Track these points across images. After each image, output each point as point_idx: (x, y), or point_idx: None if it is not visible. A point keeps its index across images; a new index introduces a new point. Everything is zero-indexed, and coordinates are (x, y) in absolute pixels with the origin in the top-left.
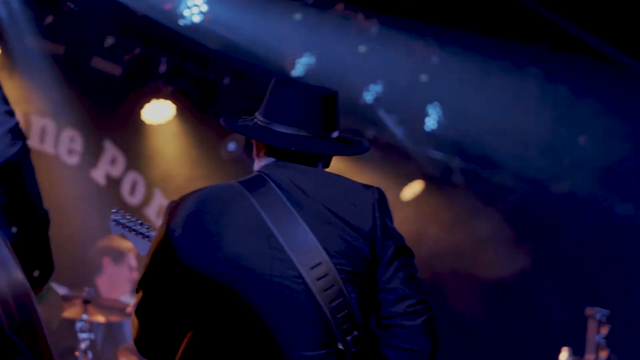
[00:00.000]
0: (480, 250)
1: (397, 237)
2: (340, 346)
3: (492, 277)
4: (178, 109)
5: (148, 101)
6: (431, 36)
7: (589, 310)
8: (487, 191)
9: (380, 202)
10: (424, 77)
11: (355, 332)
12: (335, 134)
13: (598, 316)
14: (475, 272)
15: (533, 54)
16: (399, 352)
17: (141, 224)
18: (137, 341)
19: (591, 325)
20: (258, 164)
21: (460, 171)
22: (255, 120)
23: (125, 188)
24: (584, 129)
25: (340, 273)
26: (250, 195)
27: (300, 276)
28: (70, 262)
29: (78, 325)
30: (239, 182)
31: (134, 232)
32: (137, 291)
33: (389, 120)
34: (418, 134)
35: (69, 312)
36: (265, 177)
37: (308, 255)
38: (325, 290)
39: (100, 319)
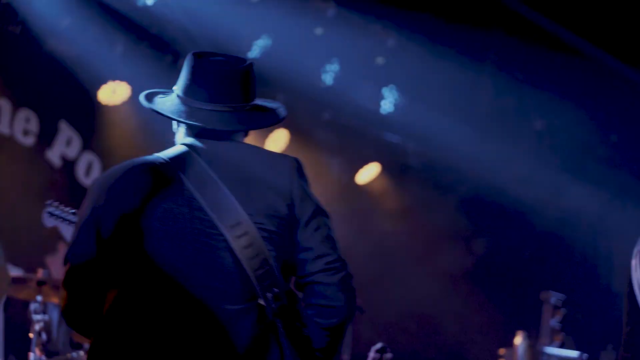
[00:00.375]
0: (434, 238)
1: (314, 200)
2: (261, 302)
3: (447, 264)
4: (134, 90)
5: (104, 82)
6: (388, 19)
7: (543, 295)
8: (442, 177)
9: (298, 169)
10: (380, 60)
11: (275, 289)
12: (251, 104)
13: (553, 300)
14: (429, 258)
15: (489, 39)
16: (318, 309)
17: (74, 214)
18: (64, 312)
19: (546, 310)
20: (179, 137)
21: (416, 155)
22: (174, 95)
23: (80, 169)
24: (540, 115)
25: (260, 232)
26: (174, 165)
27: (221, 234)
28: (25, 244)
29: (32, 306)
30: (163, 154)
31: (67, 222)
32: (64, 263)
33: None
34: (374, 117)
35: (23, 294)
36: (188, 148)
37: (228, 215)
38: (246, 247)
39: (55, 300)
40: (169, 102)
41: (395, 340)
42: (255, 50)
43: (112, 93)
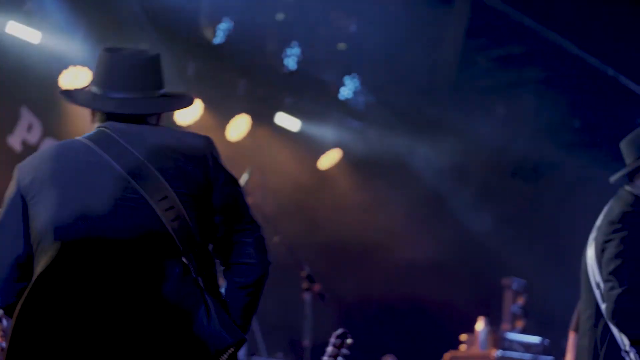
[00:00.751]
0: (397, 224)
1: (228, 171)
2: (184, 259)
3: (409, 251)
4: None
5: (65, 68)
6: (350, 5)
7: (505, 281)
8: (405, 164)
9: (211, 144)
10: (341, 46)
11: (196, 249)
12: (160, 92)
13: (514, 286)
14: (391, 244)
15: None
16: (236, 268)
17: None
18: None
19: (507, 296)
20: (95, 125)
21: (378, 140)
22: (89, 89)
23: None
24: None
25: (178, 196)
26: (93, 144)
27: (142, 198)
28: None
29: None
30: (83, 136)
31: None
32: None
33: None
34: (335, 103)
35: None
36: (105, 129)
37: (149, 182)
38: (167, 210)
39: None
40: (83, 94)
41: (356, 326)
42: (220, 35)
43: (74, 78)
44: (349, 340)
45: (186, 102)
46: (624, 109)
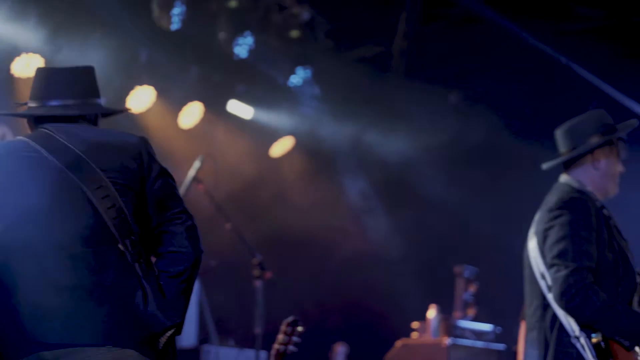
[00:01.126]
0: (349, 211)
1: (160, 164)
2: (120, 247)
3: (360, 238)
4: (46, 62)
5: (17, 55)
6: None
7: (457, 269)
8: (356, 152)
9: (146, 142)
10: (294, 34)
11: (132, 237)
12: (96, 100)
13: (466, 274)
14: (343, 231)
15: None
16: (166, 257)
17: None
18: None
19: (459, 283)
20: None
21: (330, 128)
22: (27, 104)
23: None
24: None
25: (114, 185)
26: (32, 141)
27: (79, 188)
28: None
29: None
30: (24, 136)
31: None
32: None
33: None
34: (288, 91)
35: None
36: (44, 129)
37: (85, 172)
38: (103, 198)
39: None
40: (22, 107)
41: (308, 314)
42: (176, 22)
43: (25, 66)
44: (300, 328)
45: (120, 110)
46: (576, 97)
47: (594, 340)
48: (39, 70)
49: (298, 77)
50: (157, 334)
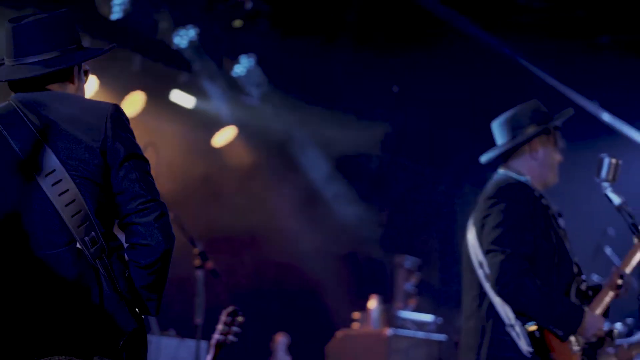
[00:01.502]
0: (287, 202)
1: (130, 145)
2: (78, 245)
3: (300, 229)
4: None
5: None
6: None
7: (398, 259)
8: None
9: (114, 116)
10: (237, 23)
11: (93, 233)
12: (69, 48)
13: (407, 264)
14: (282, 222)
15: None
16: (136, 249)
17: None
18: None
19: (400, 274)
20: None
21: (273, 117)
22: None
23: None
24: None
25: (74, 179)
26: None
27: (36, 183)
28: None
29: None
30: None
31: None
32: None
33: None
34: (230, 81)
35: None
36: (11, 102)
37: (43, 164)
38: (61, 194)
39: None
40: None
41: (249, 304)
42: (116, 10)
43: None
44: (240, 318)
45: (92, 52)
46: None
47: (529, 328)
48: (8, 23)
49: (242, 67)
50: (115, 342)
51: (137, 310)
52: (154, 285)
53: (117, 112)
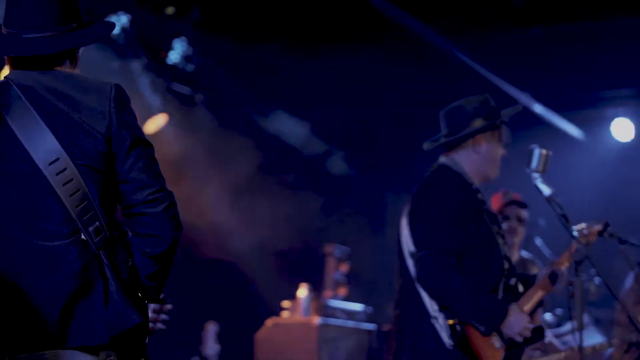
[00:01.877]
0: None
1: (134, 130)
2: (83, 236)
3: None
4: None
5: None
6: None
7: (327, 248)
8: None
9: (117, 99)
10: (169, 10)
11: (97, 223)
12: (69, 27)
13: (337, 253)
14: (214, 216)
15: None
16: (144, 239)
17: None
18: None
19: (330, 263)
20: (5, 72)
21: (203, 104)
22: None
23: None
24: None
25: (78, 167)
26: None
27: (39, 171)
28: None
29: None
30: None
31: None
32: None
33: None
34: (163, 67)
35: None
36: (10, 82)
37: (46, 151)
38: (65, 184)
39: None
40: None
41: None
42: None
43: None
44: (168, 306)
45: (96, 32)
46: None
47: (450, 322)
48: None
49: (176, 53)
50: (119, 334)
51: (140, 299)
52: (158, 274)
53: (119, 93)
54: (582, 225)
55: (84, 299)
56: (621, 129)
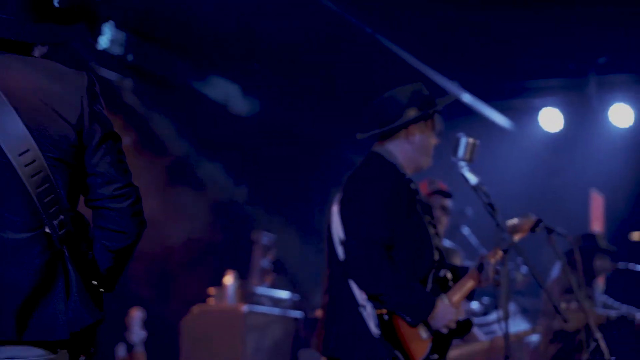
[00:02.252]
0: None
1: (105, 123)
2: (47, 229)
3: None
4: None
5: None
6: None
7: (254, 235)
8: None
9: (89, 89)
10: None
11: (62, 217)
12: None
13: (264, 241)
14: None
15: None
16: (107, 233)
17: None
18: None
19: (256, 250)
20: None
21: (132, 92)
22: None
23: None
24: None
25: (47, 160)
26: None
27: (8, 162)
28: None
29: None
30: None
31: None
32: None
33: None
34: (94, 53)
35: None
36: None
37: (16, 142)
38: (33, 176)
39: None
40: None
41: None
42: None
43: None
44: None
45: (68, 32)
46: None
47: (378, 311)
48: None
49: (105, 38)
50: (79, 330)
51: (99, 294)
52: (117, 267)
53: (92, 84)
54: (514, 220)
55: (45, 294)
56: (549, 119)
